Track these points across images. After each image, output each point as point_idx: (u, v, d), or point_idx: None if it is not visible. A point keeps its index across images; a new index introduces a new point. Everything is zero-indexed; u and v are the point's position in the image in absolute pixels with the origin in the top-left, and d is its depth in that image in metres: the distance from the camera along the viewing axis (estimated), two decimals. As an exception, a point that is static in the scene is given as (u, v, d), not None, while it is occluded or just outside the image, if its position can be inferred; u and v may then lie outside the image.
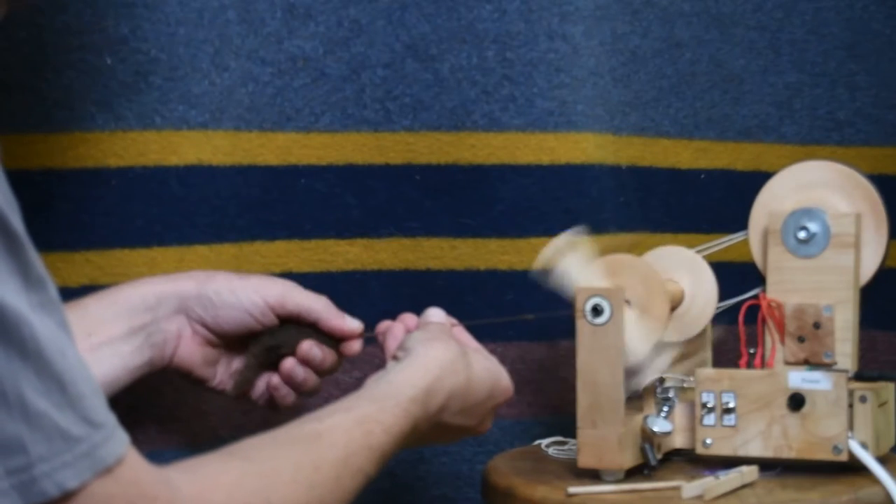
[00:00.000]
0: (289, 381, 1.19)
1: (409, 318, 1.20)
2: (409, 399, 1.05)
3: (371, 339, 1.22)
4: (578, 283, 1.18)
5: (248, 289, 1.16)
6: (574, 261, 1.20)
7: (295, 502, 0.90)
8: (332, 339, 1.19)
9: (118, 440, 0.78)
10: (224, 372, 1.20)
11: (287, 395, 1.20)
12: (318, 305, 1.18)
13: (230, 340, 1.18)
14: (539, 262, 1.20)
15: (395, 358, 1.13)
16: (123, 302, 1.14)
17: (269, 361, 1.19)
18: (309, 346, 1.18)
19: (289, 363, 1.18)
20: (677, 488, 1.14)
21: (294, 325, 1.18)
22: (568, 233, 1.21)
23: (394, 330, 1.19)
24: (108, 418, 0.78)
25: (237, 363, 1.20)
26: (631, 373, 1.19)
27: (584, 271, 1.20)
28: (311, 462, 0.93)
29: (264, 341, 1.17)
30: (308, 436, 0.96)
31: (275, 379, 1.20)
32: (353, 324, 1.19)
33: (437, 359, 1.10)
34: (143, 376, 1.15)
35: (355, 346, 1.20)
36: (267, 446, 0.93)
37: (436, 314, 1.20)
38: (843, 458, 1.17)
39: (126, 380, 1.14)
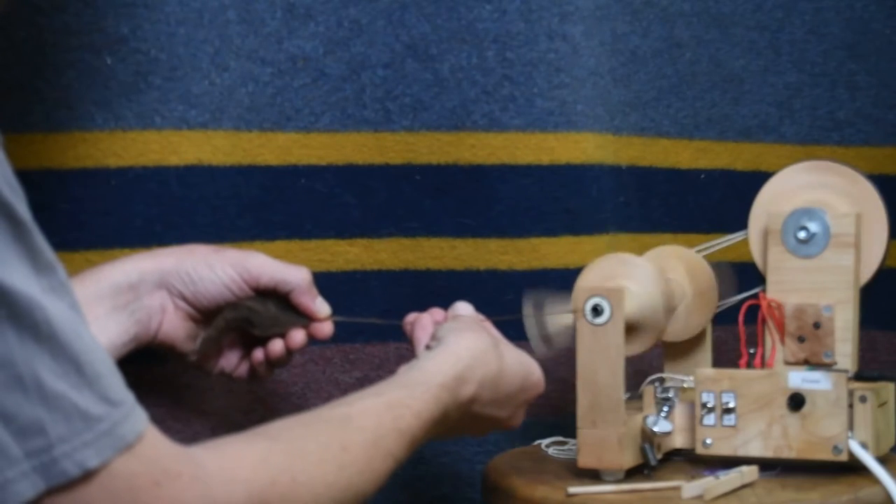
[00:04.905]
0: (273, 360, 1.20)
1: (437, 312, 1.21)
2: (439, 385, 1.05)
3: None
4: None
5: (224, 263, 1.17)
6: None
7: (323, 482, 0.90)
8: (301, 316, 1.20)
9: (138, 417, 0.78)
10: None
11: (266, 370, 1.21)
12: (294, 278, 1.18)
13: (209, 314, 1.18)
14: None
15: (427, 348, 1.14)
16: (106, 280, 1.14)
17: (232, 331, 1.20)
18: (302, 338, 1.19)
19: (278, 347, 1.19)
20: (677, 488, 1.14)
21: (260, 302, 1.18)
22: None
23: (422, 321, 1.20)
24: (127, 396, 0.78)
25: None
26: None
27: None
28: (339, 443, 0.93)
29: (225, 314, 1.18)
30: (337, 418, 0.96)
31: (259, 354, 1.20)
32: (321, 307, 1.20)
33: (469, 348, 1.11)
34: (129, 353, 1.15)
35: (324, 328, 1.20)
36: (294, 427, 0.93)
37: (464, 307, 1.21)
38: (843, 458, 1.17)
39: (113, 357, 1.14)
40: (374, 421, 0.97)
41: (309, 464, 0.89)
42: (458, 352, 1.10)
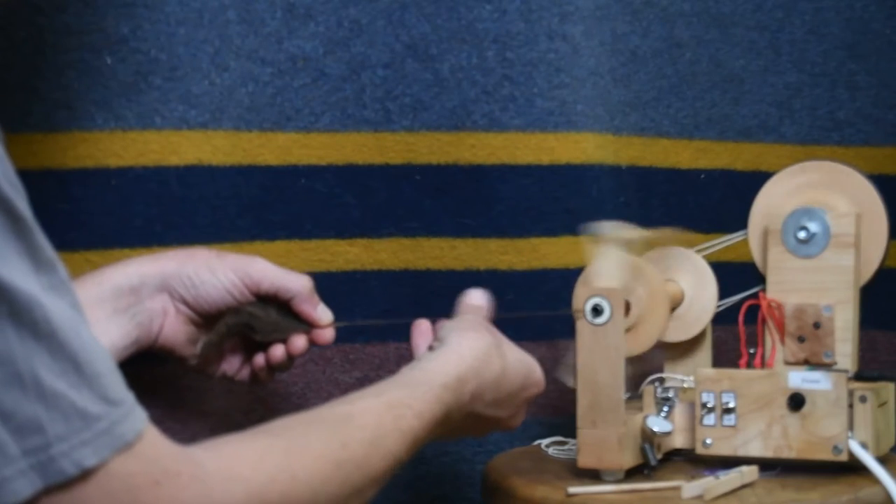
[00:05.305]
0: (274, 365, 1.20)
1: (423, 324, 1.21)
2: (441, 386, 1.05)
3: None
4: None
5: (225, 268, 1.16)
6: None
7: (322, 478, 0.90)
8: (303, 322, 1.19)
9: (137, 417, 0.78)
10: None
11: (268, 374, 1.21)
12: (295, 286, 1.18)
13: (210, 319, 1.18)
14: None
15: (430, 348, 1.14)
16: (107, 283, 1.14)
17: (234, 336, 1.20)
18: (303, 344, 1.19)
19: (279, 353, 1.19)
20: (677, 488, 1.14)
21: (261, 308, 1.18)
22: (610, 225, 1.21)
23: (420, 326, 1.20)
24: (126, 396, 0.78)
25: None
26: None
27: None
28: (338, 440, 0.93)
29: (227, 320, 1.18)
30: (337, 416, 0.96)
31: (260, 359, 1.20)
32: (322, 314, 1.19)
33: (471, 348, 1.11)
34: (130, 356, 1.15)
35: (326, 335, 1.20)
36: (294, 425, 0.93)
37: (476, 296, 1.21)
38: (843, 458, 1.17)
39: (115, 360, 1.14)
40: (374, 420, 0.97)
41: (308, 461, 0.89)
42: (460, 352, 1.10)
